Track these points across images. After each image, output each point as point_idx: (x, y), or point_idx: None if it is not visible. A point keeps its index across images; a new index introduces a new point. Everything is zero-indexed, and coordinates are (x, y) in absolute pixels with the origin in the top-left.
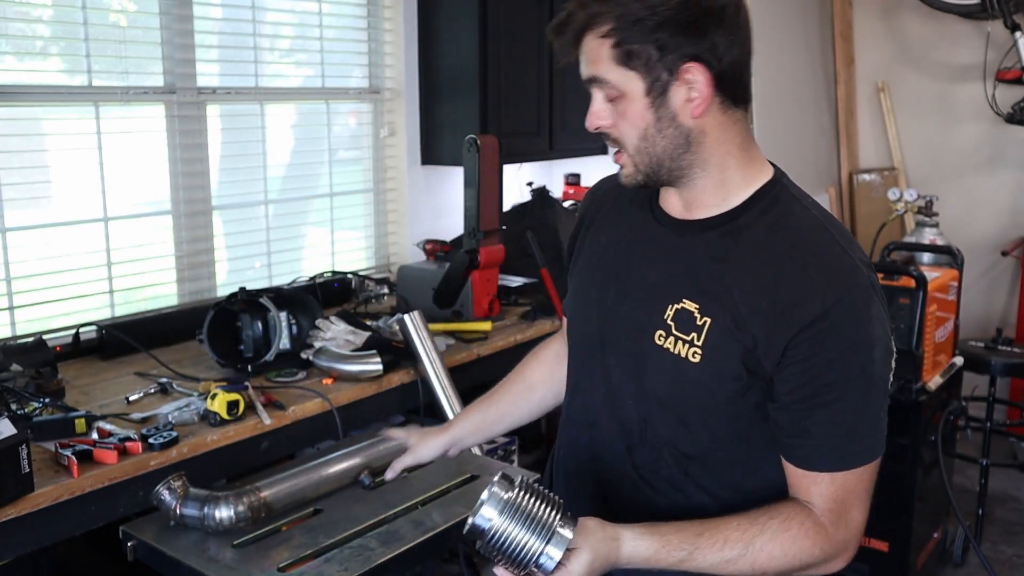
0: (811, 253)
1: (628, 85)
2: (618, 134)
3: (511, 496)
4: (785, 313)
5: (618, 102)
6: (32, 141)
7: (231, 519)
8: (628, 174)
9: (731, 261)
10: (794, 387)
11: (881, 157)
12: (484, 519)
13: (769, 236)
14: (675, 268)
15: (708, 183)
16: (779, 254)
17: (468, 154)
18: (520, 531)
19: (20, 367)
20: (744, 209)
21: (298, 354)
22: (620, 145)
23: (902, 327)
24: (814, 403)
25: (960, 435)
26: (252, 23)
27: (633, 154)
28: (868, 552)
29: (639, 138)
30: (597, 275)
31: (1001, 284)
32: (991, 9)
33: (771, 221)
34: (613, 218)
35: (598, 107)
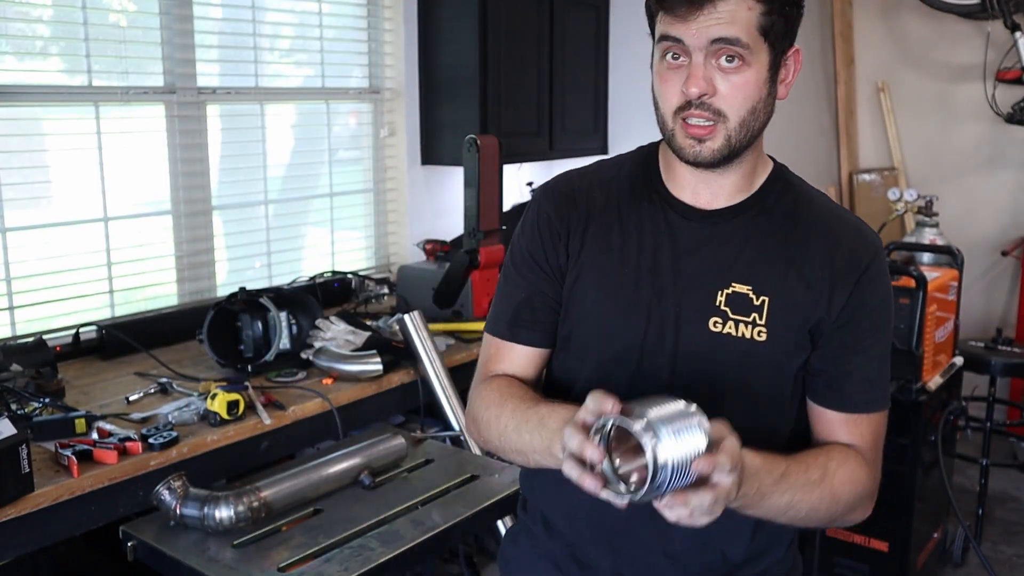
0: (841, 220)
1: (759, 55)
2: (722, 104)
3: (649, 420)
4: (843, 272)
5: (739, 71)
6: (32, 141)
7: (231, 519)
8: (716, 148)
9: (773, 238)
10: (840, 337)
11: (881, 157)
12: (661, 458)
13: (800, 211)
14: (714, 256)
15: (746, 168)
16: (817, 224)
17: (468, 154)
18: (682, 440)
19: (20, 367)
20: (766, 192)
21: (298, 354)
22: (719, 116)
23: (902, 327)
24: (855, 349)
25: (960, 435)
26: (252, 23)
27: (734, 127)
28: (868, 552)
29: (748, 111)
30: (623, 278)
31: (1001, 284)
32: (991, 9)
33: (794, 198)
34: (616, 217)
35: (708, 71)
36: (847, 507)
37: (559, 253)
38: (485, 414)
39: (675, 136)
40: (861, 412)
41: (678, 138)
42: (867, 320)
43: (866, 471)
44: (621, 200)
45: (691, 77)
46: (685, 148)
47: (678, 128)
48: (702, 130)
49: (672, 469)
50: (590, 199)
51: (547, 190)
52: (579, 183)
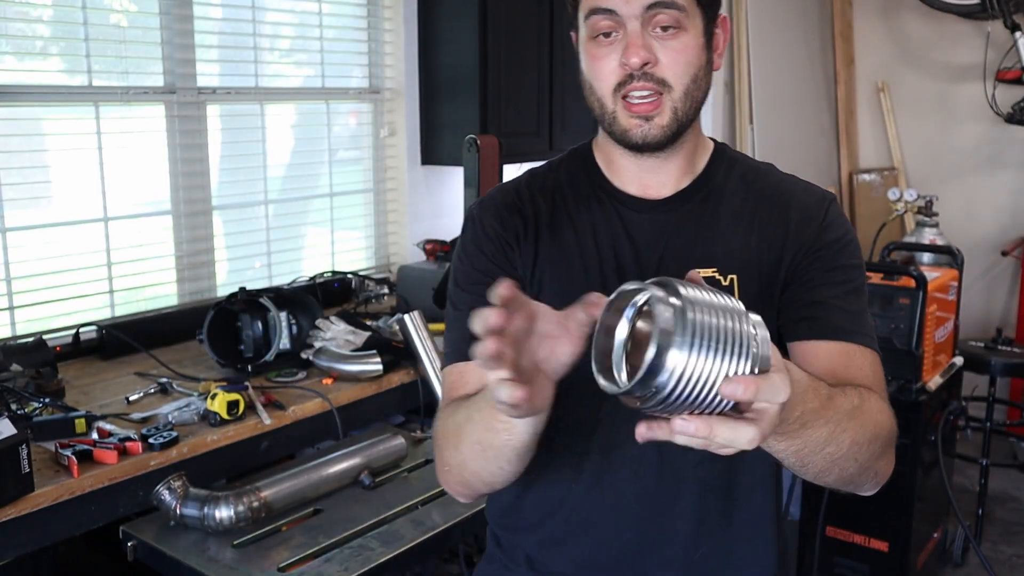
0: (790, 183)
1: (694, 20)
2: (665, 73)
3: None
4: (800, 226)
5: (676, 37)
6: (32, 141)
7: (231, 519)
8: (665, 124)
9: (727, 214)
10: (808, 274)
11: (881, 157)
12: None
13: (749, 183)
14: (673, 246)
15: (688, 149)
16: (767, 190)
17: (468, 154)
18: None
19: (20, 367)
20: (712, 172)
21: (298, 354)
22: (663, 86)
23: (902, 327)
24: (825, 281)
25: (960, 435)
26: (252, 23)
27: (679, 98)
28: (868, 552)
29: (691, 79)
30: (588, 285)
31: (1001, 284)
32: (991, 9)
33: (740, 174)
34: (568, 222)
35: (646, 40)
36: (882, 446)
37: (512, 265)
38: (443, 442)
39: (617, 119)
40: (852, 341)
41: (621, 120)
42: (832, 258)
43: (888, 408)
44: (568, 204)
45: (630, 46)
46: (631, 129)
47: (620, 109)
48: (647, 106)
49: (691, 380)
50: (535, 207)
51: (484, 204)
52: (518, 193)
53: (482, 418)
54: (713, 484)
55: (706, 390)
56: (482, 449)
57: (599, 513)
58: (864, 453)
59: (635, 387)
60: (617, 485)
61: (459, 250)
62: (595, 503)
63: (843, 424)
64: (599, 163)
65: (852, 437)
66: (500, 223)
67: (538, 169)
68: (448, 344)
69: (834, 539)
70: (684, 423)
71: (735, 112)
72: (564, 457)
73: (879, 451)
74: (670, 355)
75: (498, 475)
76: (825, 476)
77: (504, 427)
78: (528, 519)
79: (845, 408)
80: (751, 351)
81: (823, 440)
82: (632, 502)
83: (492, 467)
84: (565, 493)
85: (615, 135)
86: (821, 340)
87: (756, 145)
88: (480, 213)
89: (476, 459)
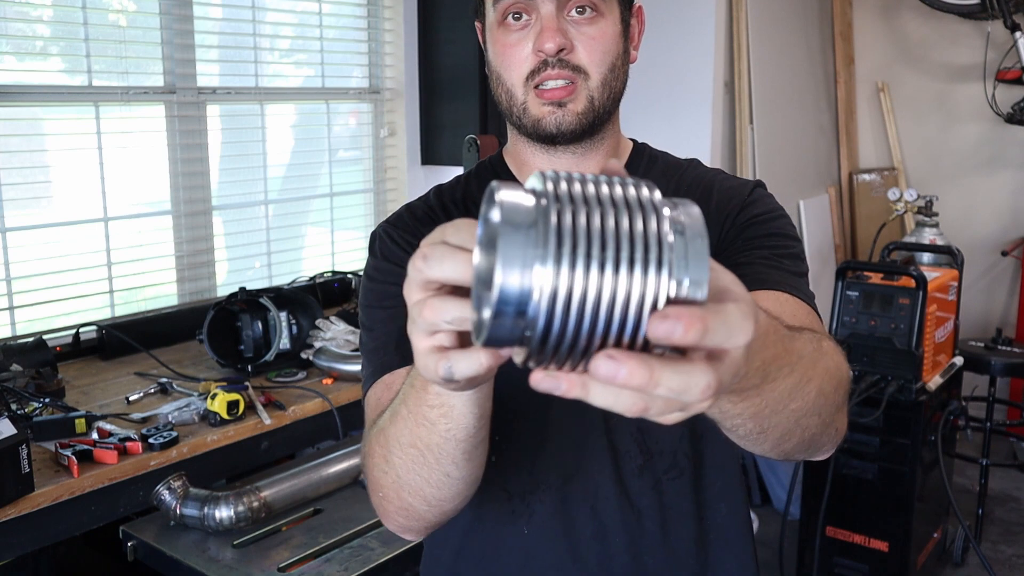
0: (713, 174)
1: (611, 5)
2: (580, 60)
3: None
4: (721, 208)
5: (593, 22)
6: (32, 141)
7: (231, 519)
8: (580, 111)
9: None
10: (735, 244)
11: (881, 157)
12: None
13: (671, 179)
14: None
15: (608, 147)
16: (690, 184)
17: (468, 154)
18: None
19: (20, 367)
20: (631, 170)
21: (298, 354)
22: (579, 73)
23: (902, 327)
24: (753, 245)
25: (960, 435)
26: (252, 23)
27: (596, 86)
28: (868, 552)
29: (608, 68)
30: None
31: (1001, 284)
32: (991, 9)
33: (662, 169)
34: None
35: (562, 24)
36: (844, 393)
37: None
38: (370, 462)
39: (528, 109)
40: (782, 291)
41: (532, 109)
42: (758, 228)
43: (840, 349)
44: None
45: (544, 31)
46: (544, 117)
47: (531, 99)
48: (561, 91)
49: (576, 310)
50: (449, 216)
51: (392, 223)
52: (428, 208)
53: (410, 411)
54: (680, 507)
55: (611, 324)
56: (419, 453)
57: (554, 557)
58: (829, 405)
59: (495, 328)
60: (574, 525)
61: (368, 270)
62: (550, 547)
63: (807, 372)
64: (512, 169)
65: (818, 386)
66: (413, 235)
67: (445, 185)
68: (367, 367)
69: (834, 539)
70: (611, 363)
71: (735, 112)
72: (508, 500)
73: (841, 400)
74: (527, 273)
75: (445, 489)
76: (785, 442)
77: (440, 413)
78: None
79: (807, 351)
80: (663, 258)
81: (787, 394)
82: (592, 541)
83: (436, 475)
84: (514, 540)
85: (526, 128)
86: (754, 291)
87: (756, 145)
88: (389, 231)
89: (414, 469)
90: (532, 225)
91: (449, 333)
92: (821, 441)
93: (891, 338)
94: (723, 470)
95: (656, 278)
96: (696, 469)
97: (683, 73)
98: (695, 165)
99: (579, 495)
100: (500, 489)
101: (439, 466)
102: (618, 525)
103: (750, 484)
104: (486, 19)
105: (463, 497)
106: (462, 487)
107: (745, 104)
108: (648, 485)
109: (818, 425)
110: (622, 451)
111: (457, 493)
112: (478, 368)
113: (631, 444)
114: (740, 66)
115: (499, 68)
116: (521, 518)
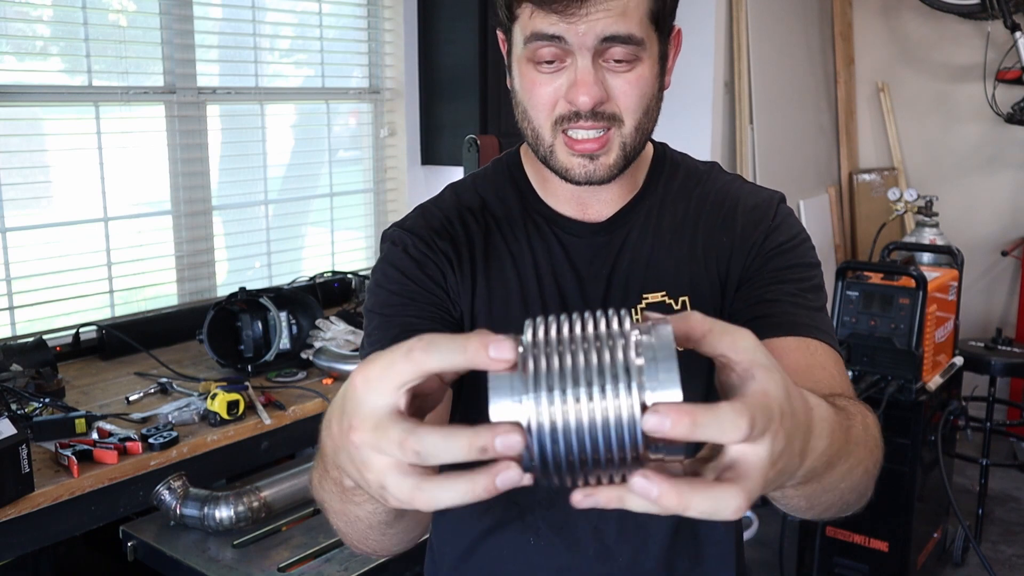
0: (736, 185)
1: (651, 48)
2: (615, 109)
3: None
4: (748, 230)
5: (632, 68)
6: (32, 141)
7: (231, 519)
8: (611, 163)
9: (670, 227)
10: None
11: (881, 157)
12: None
13: (692, 186)
14: (617, 271)
15: (631, 171)
16: (711, 193)
17: (468, 154)
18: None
19: (20, 367)
20: (652, 181)
21: (298, 354)
22: (613, 122)
23: (902, 327)
24: (778, 279)
25: (960, 435)
26: (252, 23)
27: (629, 133)
28: (868, 552)
29: (643, 112)
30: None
31: (1001, 284)
32: (991, 9)
33: (683, 176)
34: (505, 249)
35: (599, 75)
36: (878, 467)
37: (443, 292)
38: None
39: (556, 155)
40: (812, 337)
41: (561, 158)
42: (783, 258)
43: (873, 415)
44: (503, 228)
45: (580, 84)
46: (573, 169)
47: (559, 145)
48: (593, 144)
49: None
50: (467, 230)
51: (406, 228)
52: (445, 214)
53: (332, 489)
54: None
55: (597, 441)
56: (348, 522)
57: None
58: (870, 480)
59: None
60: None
61: (376, 273)
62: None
63: (857, 454)
64: (531, 179)
65: (865, 467)
66: (427, 246)
67: (460, 185)
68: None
69: (834, 539)
70: (645, 482)
71: (735, 112)
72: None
73: (873, 473)
74: (514, 407)
75: (389, 544)
76: (826, 513)
77: (362, 497)
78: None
79: (860, 437)
80: (631, 380)
81: (841, 477)
82: (594, 561)
83: (374, 534)
84: (520, 550)
85: (553, 169)
86: (776, 337)
87: (756, 145)
88: (403, 237)
89: (351, 527)
90: (516, 369)
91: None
92: (854, 507)
93: (891, 338)
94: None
95: (627, 397)
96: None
97: (683, 73)
98: (717, 172)
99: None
100: (511, 502)
101: (372, 531)
102: (622, 542)
103: None
104: (512, 43)
105: (414, 540)
106: (411, 537)
107: (745, 104)
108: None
109: (856, 496)
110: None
111: (407, 541)
112: (460, 500)
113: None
114: (740, 66)
115: (525, 103)
116: (529, 530)
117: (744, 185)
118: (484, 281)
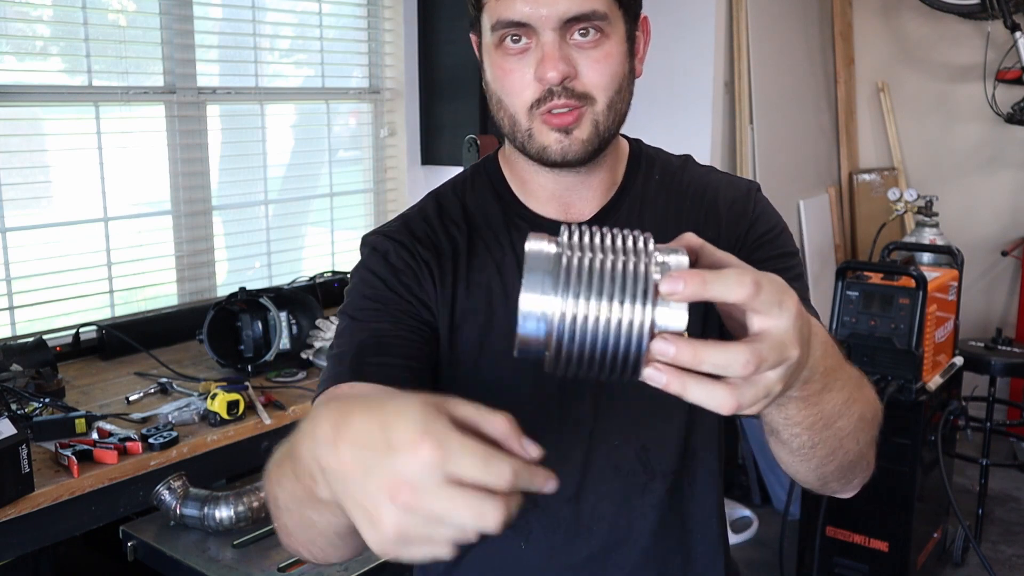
0: (712, 177)
1: (616, 24)
2: (585, 86)
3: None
4: (731, 225)
5: (598, 45)
6: (32, 141)
7: (231, 519)
8: (585, 138)
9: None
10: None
11: (881, 157)
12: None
13: (669, 181)
14: None
15: (609, 162)
16: (689, 188)
17: (468, 154)
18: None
19: (20, 367)
20: (630, 178)
21: (298, 354)
22: (584, 100)
23: (902, 327)
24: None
25: (960, 435)
26: (252, 23)
27: (602, 111)
28: (868, 552)
29: (615, 90)
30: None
31: (1001, 284)
32: (991, 9)
33: (660, 170)
34: (488, 257)
35: (564, 51)
36: (877, 427)
37: (421, 302)
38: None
39: (533, 136)
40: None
41: (539, 137)
42: (767, 249)
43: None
44: (485, 234)
45: (547, 59)
46: (551, 145)
47: (536, 125)
48: (567, 116)
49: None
50: (450, 238)
51: (386, 236)
52: (425, 223)
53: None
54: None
55: (608, 339)
56: (301, 525)
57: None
58: (866, 432)
59: (522, 341)
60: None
61: (354, 277)
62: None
63: (854, 393)
64: (510, 183)
65: (860, 410)
66: (408, 254)
67: (442, 194)
68: (324, 372)
69: (834, 539)
70: (664, 343)
71: (735, 112)
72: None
73: (875, 433)
74: (539, 300)
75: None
76: (828, 463)
77: (326, 506)
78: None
79: (855, 374)
80: (648, 290)
81: (837, 409)
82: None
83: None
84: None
85: (531, 153)
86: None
87: (756, 145)
88: (384, 242)
89: (297, 531)
90: (553, 264)
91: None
92: (854, 472)
93: (891, 338)
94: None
95: (641, 306)
96: (689, 487)
97: (683, 73)
98: (691, 165)
99: (578, 514)
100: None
101: (322, 538)
102: (612, 544)
103: (750, 484)
104: (482, 36)
105: (356, 554)
106: (358, 551)
107: (745, 104)
108: (649, 504)
109: (855, 452)
110: (626, 470)
111: (351, 555)
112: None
113: (635, 463)
114: (740, 66)
115: (499, 93)
116: (520, 534)
117: (720, 176)
118: (465, 289)
